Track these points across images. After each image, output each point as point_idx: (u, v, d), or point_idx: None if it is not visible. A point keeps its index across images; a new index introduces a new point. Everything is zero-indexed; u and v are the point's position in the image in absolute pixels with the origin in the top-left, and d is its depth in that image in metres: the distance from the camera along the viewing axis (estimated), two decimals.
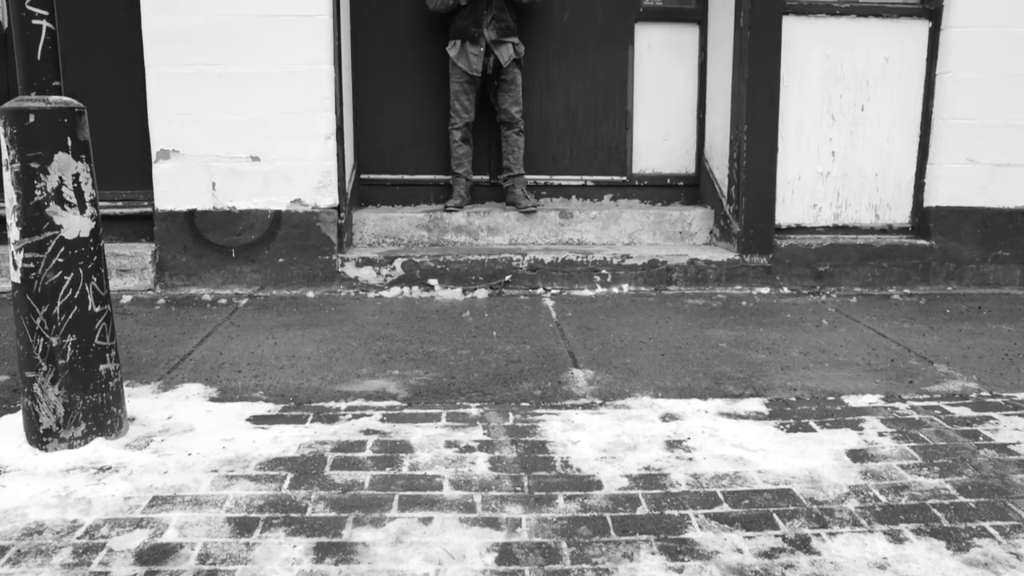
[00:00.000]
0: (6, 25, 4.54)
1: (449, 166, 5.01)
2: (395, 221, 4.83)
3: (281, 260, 4.48)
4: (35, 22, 2.41)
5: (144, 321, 3.95)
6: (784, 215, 4.76)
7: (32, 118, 2.39)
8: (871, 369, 3.29)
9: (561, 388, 3.04)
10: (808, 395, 2.98)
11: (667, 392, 3.00)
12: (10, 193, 2.42)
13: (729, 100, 4.75)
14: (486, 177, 5.16)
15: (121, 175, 4.65)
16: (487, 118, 5.03)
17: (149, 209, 4.59)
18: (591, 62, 5.10)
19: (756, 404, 2.87)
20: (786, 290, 4.67)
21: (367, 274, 4.51)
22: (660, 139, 5.21)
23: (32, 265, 2.43)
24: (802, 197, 4.77)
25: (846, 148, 4.74)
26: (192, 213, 4.44)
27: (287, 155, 4.40)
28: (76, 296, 2.48)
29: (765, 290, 4.65)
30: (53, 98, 2.45)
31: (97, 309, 2.53)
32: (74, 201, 2.47)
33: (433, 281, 4.52)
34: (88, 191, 2.50)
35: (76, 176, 2.46)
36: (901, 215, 4.85)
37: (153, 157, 4.42)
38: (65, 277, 2.46)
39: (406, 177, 5.13)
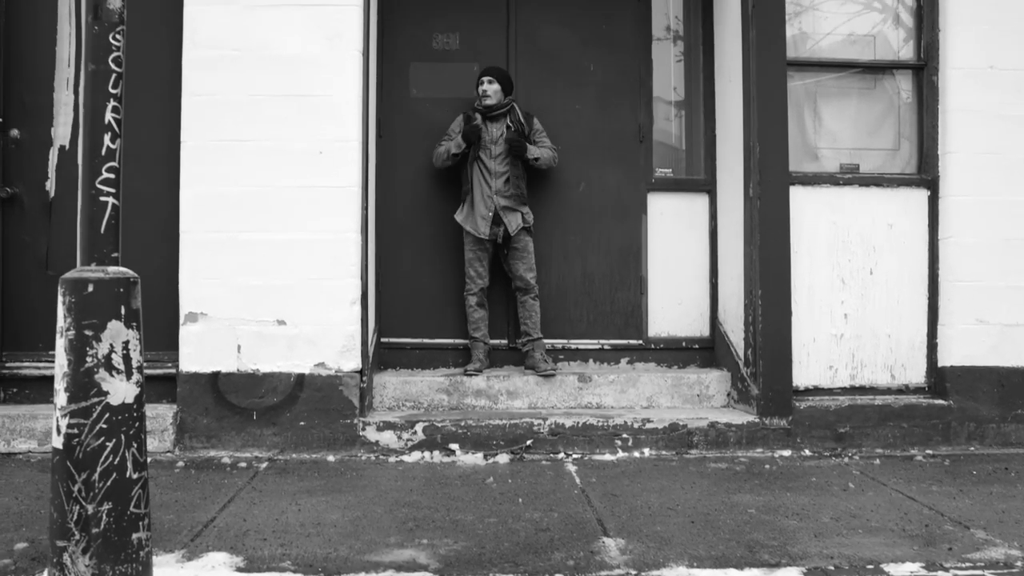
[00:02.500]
0: (53, 195, 4.76)
1: (467, 330, 5.11)
2: (415, 385, 4.87)
3: (302, 423, 4.49)
4: (102, 199, 2.55)
5: (164, 485, 3.91)
6: (801, 377, 4.81)
7: (91, 288, 2.49)
8: (906, 535, 3.23)
9: (594, 558, 2.98)
10: (846, 563, 2.92)
11: (702, 562, 2.94)
12: (61, 359, 2.48)
13: (741, 266, 4.91)
14: (504, 341, 5.25)
15: (147, 336, 4.68)
16: (503, 283, 5.19)
17: (172, 370, 4.64)
18: (606, 229, 5.31)
19: (794, 574, 2.81)
20: (807, 452, 4.64)
21: (388, 438, 4.50)
22: (674, 303, 5.34)
23: (76, 431, 2.45)
24: (818, 359, 4.84)
25: (858, 310, 4.85)
26: (216, 375, 4.49)
27: (313, 319, 4.50)
28: (116, 462, 2.49)
29: (786, 453, 4.62)
30: (111, 268, 2.55)
31: (135, 476, 2.53)
32: (122, 367, 2.52)
33: (454, 446, 4.50)
34: (136, 358, 2.56)
35: (126, 343, 2.53)
36: (917, 375, 4.90)
37: (181, 319, 4.52)
38: (107, 443, 2.48)
39: (425, 341, 5.22)
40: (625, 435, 4.58)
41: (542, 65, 5.31)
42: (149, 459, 4.32)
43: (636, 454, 4.58)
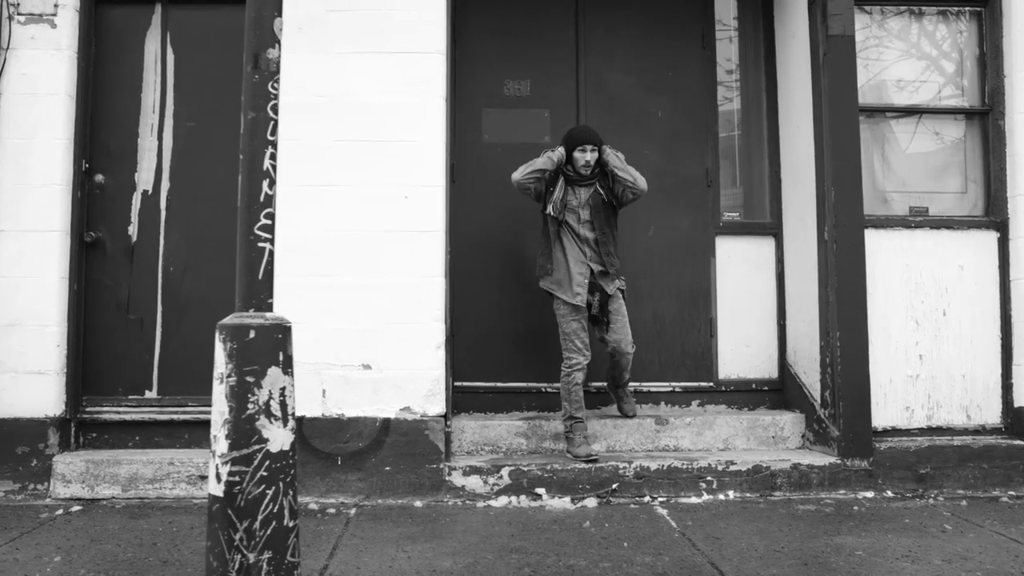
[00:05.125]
0: (135, 239, 4.78)
1: (541, 374, 5.12)
2: (493, 429, 4.86)
3: (388, 468, 4.47)
4: (260, 244, 2.58)
5: None
6: (878, 418, 4.82)
7: (252, 334, 2.50)
8: None
9: None
10: None
11: None
12: (222, 406, 2.48)
13: (814, 308, 4.95)
14: None
15: None
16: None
17: None
18: (675, 273, 5.36)
19: None
20: (889, 493, 4.64)
21: (474, 483, 4.48)
22: (743, 345, 5.37)
23: (237, 479, 2.45)
24: (894, 400, 4.86)
25: (932, 351, 4.89)
26: (301, 420, 4.47)
27: (398, 363, 4.50)
28: (275, 510, 2.48)
29: (869, 494, 4.62)
30: (269, 315, 2.57)
31: (290, 524, 2.52)
32: (279, 414, 2.52)
33: (540, 490, 4.48)
34: (291, 404, 2.56)
35: (283, 390, 2.54)
36: (992, 415, 4.92)
37: None
38: (267, 491, 2.47)
39: (498, 384, 5.22)
40: (709, 477, 4.58)
41: (611, 111, 5.39)
42: None
43: (721, 496, 4.57)
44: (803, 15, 5.10)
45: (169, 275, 4.78)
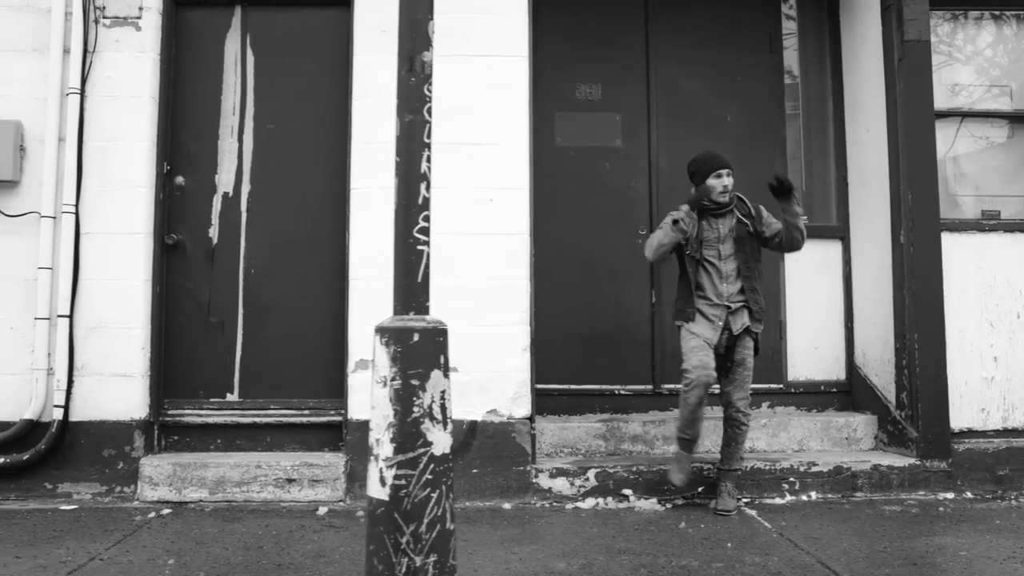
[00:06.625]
0: (215, 241, 4.77)
1: (613, 376, 5.15)
2: (572, 431, 4.87)
3: (475, 471, 4.48)
4: (419, 247, 2.58)
5: (360, 535, 3.87)
6: (954, 420, 4.86)
7: (416, 337, 2.50)
8: None
9: None
10: None
11: None
12: (386, 409, 2.49)
13: (887, 311, 4.99)
14: (649, 387, 5.26)
15: (309, 384, 4.74)
16: (647, 317, 5.21)
17: (337, 418, 4.63)
18: None
19: None
20: (969, 495, 4.68)
21: (560, 485, 4.50)
22: (811, 348, 5.40)
23: (403, 482, 2.45)
24: (970, 402, 4.90)
25: (1007, 354, 4.94)
26: None
27: (484, 366, 4.51)
28: (439, 513, 2.49)
29: (949, 495, 4.66)
30: (428, 318, 2.58)
31: (451, 527, 2.53)
32: (440, 418, 2.53)
33: (627, 491, 4.50)
34: (449, 408, 2.57)
35: (443, 393, 2.55)
36: None
37: (351, 367, 4.52)
38: (432, 494, 2.48)
39: (572, 387, 5.23)
40: (792, 478, 4.61)
41: (681, 116, 5.42)
42: (326, 509, 4.31)
43: (803, 497, 4.60)
44: (874, 21, 5.14)
45: (250, 277, 4.78)
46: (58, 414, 4.38)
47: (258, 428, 4.67)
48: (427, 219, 2.62)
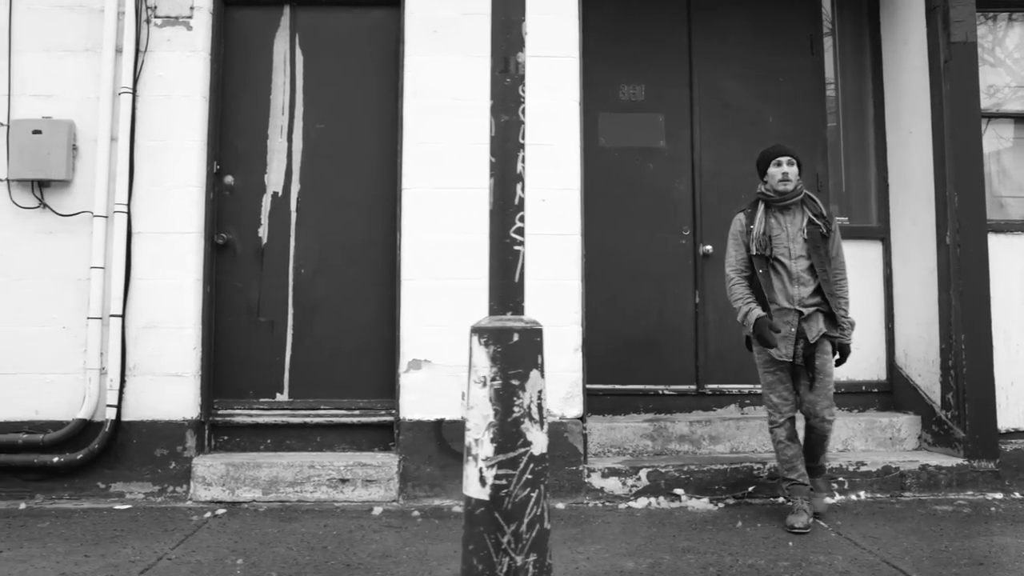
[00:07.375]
0: (265, 241, 4.76)
1: (658, 376, 5.16)
2: (619, 431, 4.88)
3: None
4: (516, 248, 2.59)
5: (427, 536, 3.87)
6: (1000, 420, 4.88)
7: (516, 337, 2.51)
8: None
9: None
10: None
11: None
12: (486, 409, 2.50)
13: (931, 311, 5.01)
14: (692, 387, 5.27)
15: (359, 384, 4.73)
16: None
17: (388, 418, 4.63)
18: None
19: None
20: (1018, 495, 4.70)
21: (613, 484, 4.50)
22: (852, 348, 5.39)
23: (504, 482, 2.46)
24: (1016, 402, 4.93)
25: None
26: (440, 423, 4.48)
27: None
28: (538, 513, 2.50)
29: (998, 495, 4.68)
30: (525, 318, 2.58)
31: (548, 527, 2.54)
32: (537, 417, 2.54)
33: (679, 491, 4.51)
34: (545, 408, 2.58)
35: (540, 393, 2.56)
36: None
37: (403, 367, 4.52)
38: (531, 494, 2.49)
39: (618, 387, 5.24)
40: (841, 478, 4.62)
41: (723, 117, 5.43)
42: (380, 509, 4.31)
43: (852, 497, 4.62)
44: (917, 22, 5.16)
45: (300, 277, 4.77)
46: (111, 414, 4.38)
47: (308, 428, 4.67)
48: (522, 219, 2.63)
